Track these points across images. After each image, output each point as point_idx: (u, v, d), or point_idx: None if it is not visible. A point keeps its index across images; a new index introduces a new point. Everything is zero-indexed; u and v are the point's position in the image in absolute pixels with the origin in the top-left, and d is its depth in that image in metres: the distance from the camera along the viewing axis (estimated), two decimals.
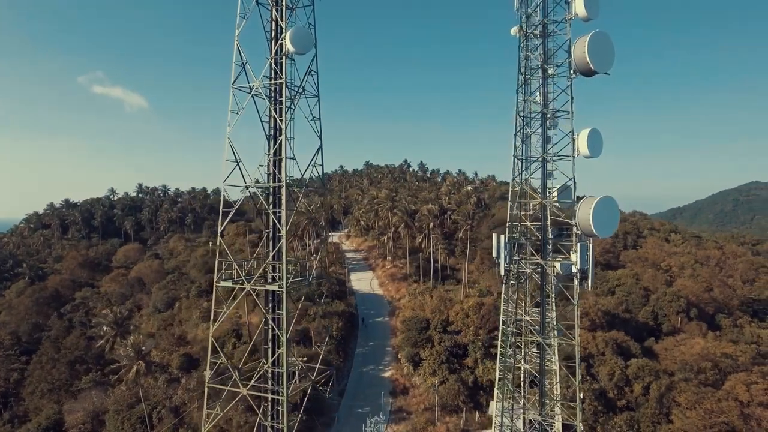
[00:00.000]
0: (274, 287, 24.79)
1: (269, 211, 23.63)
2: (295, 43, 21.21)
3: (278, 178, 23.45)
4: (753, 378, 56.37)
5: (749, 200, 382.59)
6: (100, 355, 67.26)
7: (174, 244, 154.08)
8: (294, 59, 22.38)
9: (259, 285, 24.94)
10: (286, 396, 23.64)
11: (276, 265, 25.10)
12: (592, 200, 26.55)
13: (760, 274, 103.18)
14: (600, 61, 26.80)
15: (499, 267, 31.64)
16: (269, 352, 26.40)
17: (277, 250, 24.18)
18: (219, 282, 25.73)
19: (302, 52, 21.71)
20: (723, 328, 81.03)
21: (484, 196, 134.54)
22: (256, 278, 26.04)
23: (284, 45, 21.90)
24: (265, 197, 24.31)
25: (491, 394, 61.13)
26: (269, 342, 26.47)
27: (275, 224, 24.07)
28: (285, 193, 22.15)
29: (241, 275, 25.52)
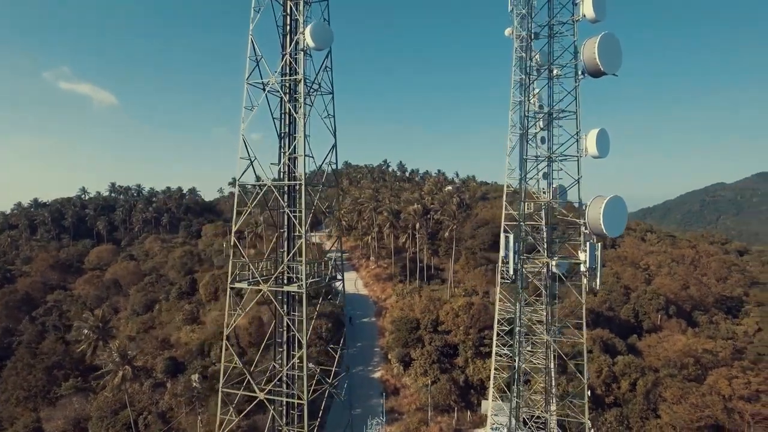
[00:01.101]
0: (293, 288, 24.18)
1: (286, 210, 23.02)
2: (315, 39, 20.69)
3: (293, 176, 22.87)
4: (734, 372, 58.24)
5: (715, 201, 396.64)
6: (80, 361, 64.84)
7: (150, 244, 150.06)
8: (311, 55, 21.86)
9: (277, 286, 24.26)
10: (306, 399, 23.08)
11: (291, 265, 24.45)
12: (602, 200, 26.80)
13: (732, 273, 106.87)
14: (609, 62, 27.10)
15: (507, 266, 31.59)
16: (284, 355, 25.73)
17: (296, 249, 23.57)
18: (233, 284, 24.91)
19: (321, 48, 21.20)
20: (700, 324, 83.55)
21: (465, 197, 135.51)
22: (272, 279, 25.35)
23: (302, 40, 21.35)
24: (279, 196, 23.62)
25: (482, 393, 61.49)
26: (284, 344, 25.78)
27: (290, 223, 23.45)
28: (304, 191, 21.60)
29: (257, 276, 24.78)
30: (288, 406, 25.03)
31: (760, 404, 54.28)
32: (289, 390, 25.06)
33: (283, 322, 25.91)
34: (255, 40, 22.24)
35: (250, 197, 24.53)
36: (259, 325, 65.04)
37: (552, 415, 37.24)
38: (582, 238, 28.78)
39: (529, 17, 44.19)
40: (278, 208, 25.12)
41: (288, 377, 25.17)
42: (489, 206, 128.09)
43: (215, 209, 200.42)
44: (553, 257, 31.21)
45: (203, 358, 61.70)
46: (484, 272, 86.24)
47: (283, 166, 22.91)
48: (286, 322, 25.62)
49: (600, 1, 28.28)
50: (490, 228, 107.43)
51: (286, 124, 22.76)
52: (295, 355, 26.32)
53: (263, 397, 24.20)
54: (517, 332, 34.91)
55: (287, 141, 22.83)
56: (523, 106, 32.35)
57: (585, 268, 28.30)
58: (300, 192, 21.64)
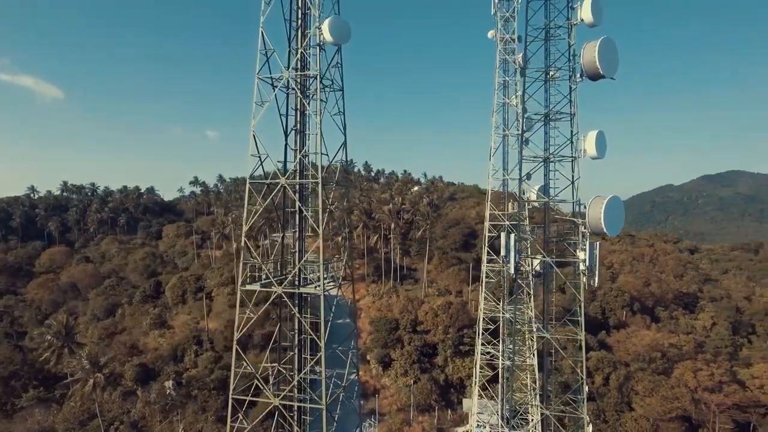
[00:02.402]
0: (310, 290, 23.43)
1: (304, 209, 22.30)
2: (333, 34, 20.10)
3: (305, 174, 22.18)
4: (698, 365, 61.14)
5: (664, 202, 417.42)
6: (39, 370, 61.04)
7: (107, 246, 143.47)
8: (326, 50, 21.26)
9: (293, 288, 23.43)
10: (325, 405, 22.41)
11: (303, 266, 23.68)
12: (602, 200, 27.39)
13: (687, 270, 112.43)
14: (608, 66, 27.73)
15: (507, 265, 31.83)
16: (295, 359, 24.94)
17: (309, 250, 22.84)
18: (244, 285, 23.92)
19: (339, 43, 20.61)
20: (661, 320, 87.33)
21: (433, 197, 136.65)
22: (282, 280, 24.49)
23: (318, 35, 20.71)
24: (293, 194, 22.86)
25: (462, 392, 62.05)
26: (295, 348, 24.98)
27: (301, 223, 22.73)
28: (321, 190, 20.96)
29: (270, 277, 23.89)
30: (300, 411, 24.28)
31: (722, 394, 57.17)
32: (302, 395, 24.31)
33: (294, 325, 25.10)
34: (266, 33, 21.44)
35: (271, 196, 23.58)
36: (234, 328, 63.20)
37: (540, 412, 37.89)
38: (580, 238, 29.34)
39: (513, 20, 44.84)
40: (285, 207, 24.30)
41: (301, 381, 24.41)
42: (458, 207, 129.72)
43: (176, 209, 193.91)
44: (550, 256, 31.69)
45: (176, 363, 59.38)
46: (458, 272, 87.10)
47: (295, 164, 22.17)
48: (296, 324, 24.84)
49: (597, 6, 28.91)
50: (460, 228, 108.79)
51: (298, 121, 22.03)
52: (307, 358, 25.56)
53: (278, 403, 23.35)
54: (514, 330, 35.26)
55: (300, 138, 22.11)
56: (520, 108, 32.65)
57: (584, 266, 28.86)
58: (317, 191, 20.98)
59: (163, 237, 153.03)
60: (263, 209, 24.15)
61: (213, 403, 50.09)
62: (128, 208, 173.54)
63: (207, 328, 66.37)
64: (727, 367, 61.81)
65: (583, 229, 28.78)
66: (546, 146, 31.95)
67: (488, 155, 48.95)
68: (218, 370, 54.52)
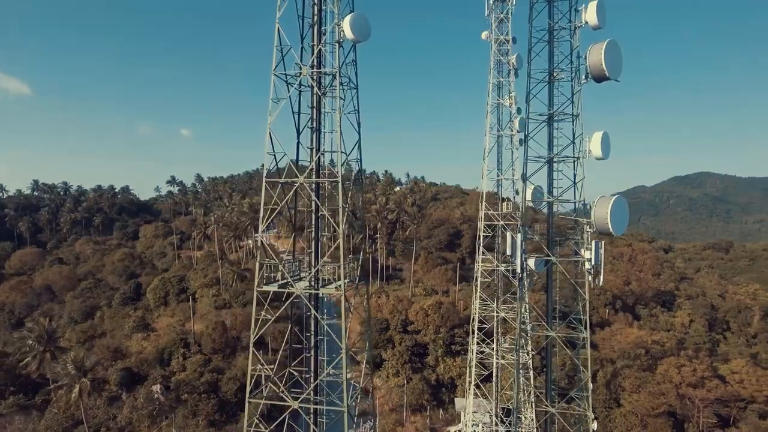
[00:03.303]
0: (331, 290, 23.04)
1: (323, 208, 21.95)
2: (355, 30, 19.78)
3: (322, 173, 21.82)
4: (681, 361, 62.75)
5: (636, 203, 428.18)
6: (18, 375, 58.71)
7: (81, 247, 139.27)
8: (344, 47, 20.94)
9: (312, 289, 22.99)
10: (347, 408, 22.07)
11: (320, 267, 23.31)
12: (609, 200, 27.80)
13: (664, 269, 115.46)
14: (613, 68, 28.15)
15: (514, 264, 32.01)
16: (312, 361, 24.52)
17: (332, 250, 22.50)
18: (261, 286, 23.38)
19: (360, 40, 20.31)
20: (642, 317, 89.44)
21: (416, 197, 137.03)
22: (299, 281, 24.03)
23: (337, 31, 20.38)
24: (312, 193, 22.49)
25: (453, 391, 62.27)
26: (311, 350, 24.56)
27: (318, 223, 22.35)
28: (342, 189, 20.61)
29: (288, 278, 23.40)
30: (316, 414, 23.89)
31: (705, 390, 58.81)
32: (318, 397, 23.92)
33: (311, 326, 24.69)
34: (282, 29, 21.00)
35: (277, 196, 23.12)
36: (222, 330, 62.04)
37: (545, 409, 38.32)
38: (585, 237, 29.72)
39: (507, 22, 45.18)
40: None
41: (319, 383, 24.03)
42: (441, 207, 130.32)
43: (152, 209, 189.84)
44: (555, 255, 32.03)
45: (162, 367, 57.93)
46: (444, 272, 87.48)
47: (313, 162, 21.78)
48: (313, 326, 24.44)
49: (602, 10, 29.33)
50: (445, 228, 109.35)
51: (313, 118, 21.66)
52: (324, 360, 25.18)
53: (297, 406, 22.90)
54: (519, 329, 35.52)
55: (316, 136, 21.74)
56: (525, 109, 32.89)
57: (590, 265, 29.23)
58: (338, 190, 20.65)
59: (140, 237, 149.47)
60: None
61: (204, 407, 48.99)
62: (103, 208, 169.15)
63: (193, 330, 64.92)
64: (707, 363, 63.66)
65: (588, 228, 29.19)
66: (550, 147, 32.29)
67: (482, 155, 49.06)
68: (208, 373, 53.37)
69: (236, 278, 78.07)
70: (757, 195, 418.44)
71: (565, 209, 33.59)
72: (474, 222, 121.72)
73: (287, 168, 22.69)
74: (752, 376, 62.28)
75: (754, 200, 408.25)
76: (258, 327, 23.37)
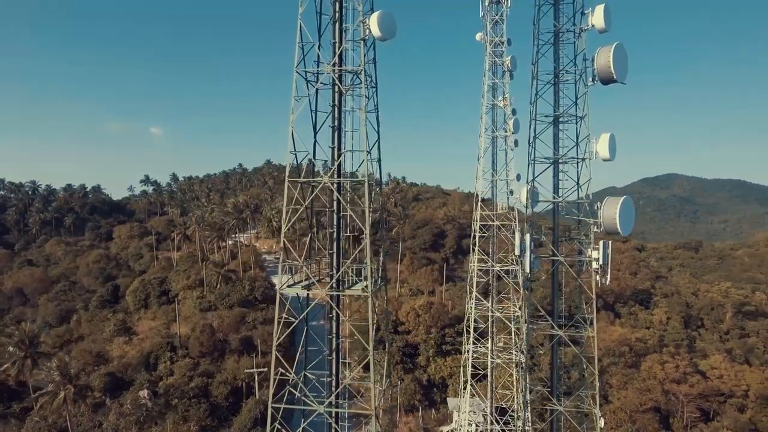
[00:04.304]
0: (357, 292, 22.62)
1: (347, 208, 21.57)
2: (382, 28, 19.47)
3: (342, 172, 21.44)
4: (664, 358, 64.52)
5: None
6: None
7: (52, 248, 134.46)
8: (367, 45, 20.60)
9: (338, 291, 22.52)
10: (375, 411, 21.72)
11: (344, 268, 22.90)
12: (617, 201, 28.23)
13: (640, 268, 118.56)
14: (621, 71, 28.60)
15: (523, 264, 32.20)
16: (333, 363, 24.08)
17: (358, 251, 22.11)
18: (283, 288, 22.80)
19: (387, 38, 20.01)
20: (622, 316, 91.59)
21: (398, 198, 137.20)
22: (319, 282, 23.55)
23: (362, 29, 20.05)
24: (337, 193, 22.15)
25: (444, 391, 62.45)
26: (333, 352, 24.11)
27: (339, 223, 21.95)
28: (368, 189, 20.27)
29: (312, 279, 22.90)
30: (337, 417, 23.47)
31: (687, 385, 60.57)
32: (339, 401, 23.51)
33: (332, 328, 24.25)
34: (305, 25, 20.55)
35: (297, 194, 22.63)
36: (210, 333, 60.70)
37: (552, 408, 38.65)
38: (592, 237, 30.13)
39: (501, 23, 45.50)
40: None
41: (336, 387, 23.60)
42: (424, 207, 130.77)
43: (126, 209, 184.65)
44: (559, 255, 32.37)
45: (149, 371, 56.29)
46: (430, 272, 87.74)
47: (333, 162, 21.39)
48: (333, 328, 24.01)
49: (608, 13, 29.75)
50: (429, 229, 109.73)
51: (335, 117, 21.25)
52: (345, 363, 24.74)
53: (323, 410, 22.44)
54: (525, 329, 35.74)
55: (337, 135, 21.34)
56: (532, 109, 33.12)
57: (597, 265, 29.63)
58: (366, 190, 20.33)
59: (114, 238, 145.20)
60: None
61: (195, 413, 47.79)
62: (74, 208, 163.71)
63: (179, 333, 63.29)
64: (688, 360, 65.63)
65: (595, 228, 29.59)
66: (555, 148, 32.61)
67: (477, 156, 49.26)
68: (197, 377, 52.09)
69: (221, 280, 76.54)
70: (722, 196, 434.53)
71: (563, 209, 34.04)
72: (457, 222, 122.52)
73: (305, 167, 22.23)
74: (730, 371, 64.51)
75: (719, 201, 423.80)
76: (281, 331, 22.79)
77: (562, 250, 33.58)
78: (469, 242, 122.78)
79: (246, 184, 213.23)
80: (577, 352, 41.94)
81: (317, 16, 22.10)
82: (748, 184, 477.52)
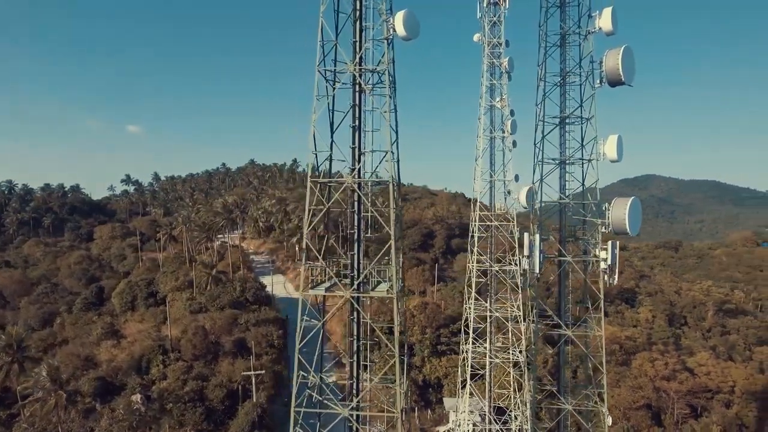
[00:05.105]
0: (382, 293, 22.37)
1: (370, 209, 21.36)
2: (408, 28, 19.26)
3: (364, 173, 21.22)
4: (654, 356, 65.68)
5: None
6: None
7: (30, 249, 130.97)
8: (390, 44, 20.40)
9: (363, 292, 22.23)
10: (401, 415, 21.51)
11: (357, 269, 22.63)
12: (626, 201, 28.59)
13: (625, 267, 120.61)
14: (629, 73, 28.96)
15: (532, 264, 32.36)
16: (354, 366, 23.79)
17: (378, 253, 21.87)
18: (307, 290, 22.41)
19: (412, 38, 19.82)
20: (609, 314, 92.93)
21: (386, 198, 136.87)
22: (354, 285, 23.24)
23: (387, 28, 19.85)
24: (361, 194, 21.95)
25: (440, 391, 62.50)
26: (355, 354, 23.82)
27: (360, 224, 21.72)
28: (393, 190, 20.08)
29: (336, 280, 22.56)
30: (359, 420, 23.21)
31: (677, 382, 61.77)
32: (359, 403, 23.25)
33: (353, 330, 23.96)
34: (326, 23, 20.25)
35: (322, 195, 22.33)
36: (204, 335, 59.66)
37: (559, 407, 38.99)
38: (599, 237, 30.45)
39: (500, 24, 45.72)
40: (350, 208, 23.16)
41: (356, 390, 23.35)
42: (412, 207, 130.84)
43: (106, 209, 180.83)
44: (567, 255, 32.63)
45: (140, 375, 55.02)
46: (421, 272, 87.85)
47: (353, 162, 21.14)
48: (355, 330, 23.72)
49: (615, 16, 30.09)
50: (418, 229, 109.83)
51: (355, 117, 21.00)
52: (367, 365, 24.49)
53: (347, 414, 22.14)
54: (532, 330, 35.96)
55: (358, 135, 21.09)
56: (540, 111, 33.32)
57: (606, 265, 29.96)
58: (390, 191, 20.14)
59: (95, 239, 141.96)
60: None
61: (191, 417, 46.86)
62: (52, 208, 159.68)
63: (170, 336, 62.02)
64: (677, 357, 66.95)
65: (603, 229, 29.93)
66: (562, 149, 32.91)
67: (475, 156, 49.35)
68: (192, 381, 51.11)
69: (211, 281, 75.37)
70: (697, 197, 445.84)
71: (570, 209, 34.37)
72: (446, 222, 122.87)
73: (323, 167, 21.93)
74: (717, 368, 65.99)
75: (695, 201, 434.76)
76: (302, 331, 22.42)
77: (568, 250, 33.91)
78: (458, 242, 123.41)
79: (230, 183, 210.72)
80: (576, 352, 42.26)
81: (335, 14, 21.84)
82: (722, 185, 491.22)
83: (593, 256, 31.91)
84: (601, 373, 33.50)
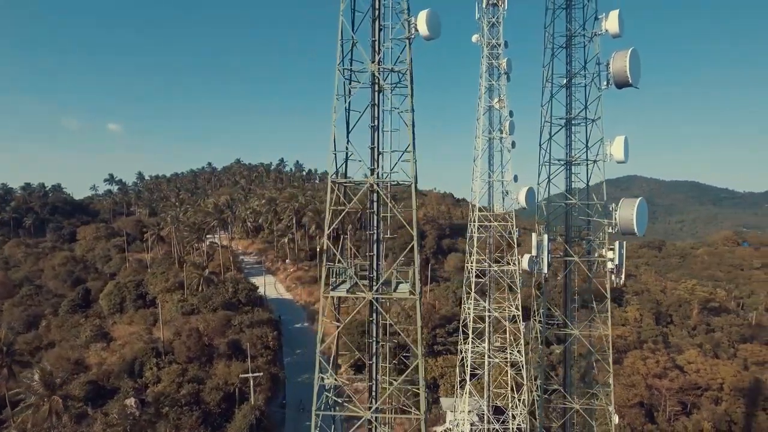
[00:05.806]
0: (404, 295, 22.19)
1: (395, 210, 21.26)
2: (430, 27, 19.15)
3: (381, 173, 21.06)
4: (645, 354, 66.68)
5: None
6: None
7: (11, 250, 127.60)
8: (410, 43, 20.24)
9: (385, 294, 22.02)
10: (424, 416, 21.35)
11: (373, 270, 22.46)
12: (633, 202, 28.88)
13: None
14: (636, 75, 29.25)
15: (540, 264, 32.49)
16: (374, 368, 23.58)
17: (399, 253, 21.68)
18: (328, 292, 22.14)
19: (434, 37, 19.67)
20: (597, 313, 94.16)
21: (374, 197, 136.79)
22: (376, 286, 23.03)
23: (408, 27, 19.68)
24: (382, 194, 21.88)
25: (436, 391, 62.52)
26: (374, 356, 23.59)
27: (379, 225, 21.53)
28: (414, 190, 19.96)
29: (357, 281, 22.33)
30: (378, 422, 22.98)
31: (668, 380, 62.81)
32: (378, 405, 23.03)
33: (372, 332, 23.75)
34: (346, 22, 20.01)
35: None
36: (197, 337, 58.78)
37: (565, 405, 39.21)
38: (606, 237, 30.73)
39: (498, 26, 45.93)
40: (369, 209, 23.01)
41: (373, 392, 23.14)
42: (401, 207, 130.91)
43: (89, 209, 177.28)
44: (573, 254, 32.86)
45: (133, 379, 53.99)
46: None
47: (371, 162, 21.00)
48: (376, 332, 23.52)
49: (621, 18, 30.37)
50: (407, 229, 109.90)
51: (374, 116, 20.82)
52: (386, 367, 24.29)
53: (369, 416, 21.90)
54: (537, 330, 36.14)
55: (377, 135, 20.93)
56: (546, 112, 33.47)
57: (613, 265, 30.24)
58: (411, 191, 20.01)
59: (78, 240, 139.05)
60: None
61: (187, 421, 46.09)
62: (33, 208, 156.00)
63: (163, 338, 60.98)
64: (667, 355, 68.09)
65: (610, 229, 30.22)
66: (568, 150, 33.13)
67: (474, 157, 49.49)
68: (187, 384, 50.28)
69: (202, 282, 74.34)
70: (678, 197, 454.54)
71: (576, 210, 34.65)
72: (436, 222, 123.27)
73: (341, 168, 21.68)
74: (706, 366, 67.29)
75: (676, 202, 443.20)
76: (323, 333, 22.16)
77: (573, 250, 34.19)
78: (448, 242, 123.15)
79: (216, 183, 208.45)
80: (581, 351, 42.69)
81: (351, 13, 21.61)
82: (702, 186, 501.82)
83: (598, 256, 32.21)
84: (608, 372, 33.70)
